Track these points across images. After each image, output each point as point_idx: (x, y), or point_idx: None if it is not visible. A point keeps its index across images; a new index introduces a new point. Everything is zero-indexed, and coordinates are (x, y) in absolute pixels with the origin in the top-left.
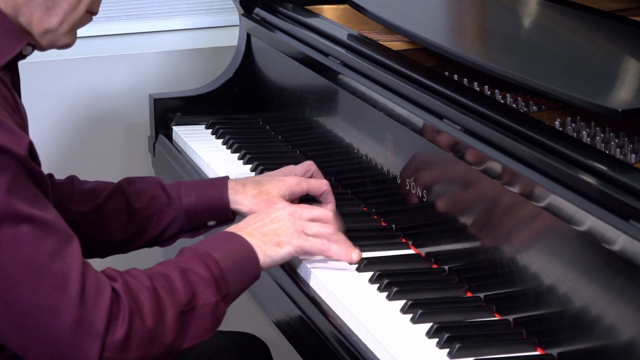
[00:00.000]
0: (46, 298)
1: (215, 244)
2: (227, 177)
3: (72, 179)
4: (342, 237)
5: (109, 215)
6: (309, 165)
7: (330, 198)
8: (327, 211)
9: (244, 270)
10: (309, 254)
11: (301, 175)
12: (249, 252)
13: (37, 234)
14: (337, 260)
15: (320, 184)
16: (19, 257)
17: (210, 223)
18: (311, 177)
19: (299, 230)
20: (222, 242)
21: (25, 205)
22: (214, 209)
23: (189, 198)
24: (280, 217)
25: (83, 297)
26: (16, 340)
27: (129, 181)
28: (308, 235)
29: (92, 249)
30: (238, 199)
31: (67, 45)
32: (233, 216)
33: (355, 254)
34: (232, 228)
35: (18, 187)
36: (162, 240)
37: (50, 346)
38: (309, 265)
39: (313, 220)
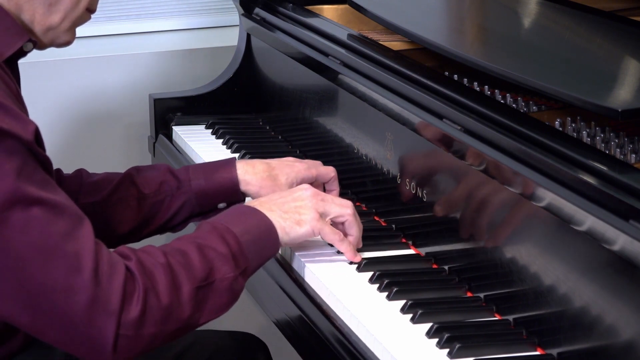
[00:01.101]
0: (60, 279)
1: (234, 218)
2: (234, 158)
3: (80, 172)
4: (355, 230)
5: (118, 204)
6: (316, 163)
7: (335, 185)
8: (347, 201)
9: (263, 245)
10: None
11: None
12: (269, 228)
13: (49, 216)
14: (344, 254)
15: (328, 171)
16: (31, 240)
17: (221, 205)
18: (328, 182)
19: (319, 212)
20: (242, 216)
21: (35, 188)
22: (223, 190)
23: (199, 180)
24: (303, 196)
25: (97, 276)
26: (33, 323)
27: (137, 169)
28: (327, 220)
29: (103, 239)
30: (248, 179)
31: (67, 43)
32: (243, 198)
33: (358, 257)
34: (253, 202)
35: (27, 171)
36: (173, 225)
37: (67, 326)
38: (309, 265)
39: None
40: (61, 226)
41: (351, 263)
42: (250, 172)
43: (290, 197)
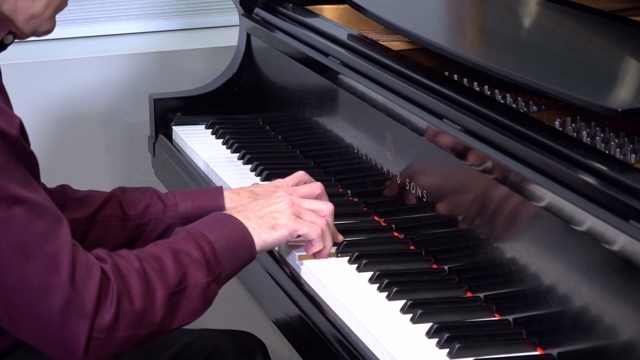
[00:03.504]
0: (37, 279)
1: (210, 225)
2: (222, 187)
3: (64, 187)
4: (329, 235)
5: (103, 223)
6: (300, 175)
7: (325, 200)
8: (326, 204)
9: (238, 251)
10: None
11: (292, 185)
12: (244, 234)
13: (29, 216)
14: (310, 247)
15: (313, 189)
16: (11, 239)
17: None
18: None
19: (295, 214)
20: (217, 223)
21: (16, 187)
22: None
23: (185, 205)
24: (278, 201)
25: (73, 278)
26: (7, 318)
27: (122, 190)
28: (303, 220)
29: None
30: (234, 206)
31: (48, 31)
32: None
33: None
34: (230, 210)
35: (9, 169)
36: None
37: (40, 325)
38: (308, 265)
39: (311, 210)
40: (41, 226)
41: (337, 251)
42: (236, 200)
43: (267, 203)
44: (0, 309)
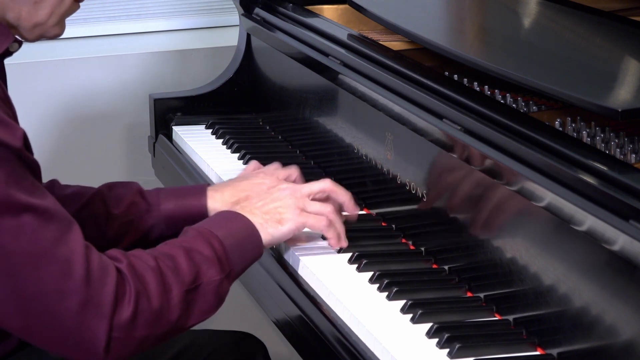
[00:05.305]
0: (52, 284)
1: (218, 222)
2: (206, 185)
3: (53, 184)
4: (339, 219)
5: (87, 221)
6: (292, 170)
7: (299, 182)
8: (323, 181)
9: (247, 248)
10: (310, 228)
11: (282, 178)
12: (251, 230)
13: (39, 222)
14: (329, 240)
15: (290, 172)
16: (23, 247)
17: None
18: (294, 181)
19: (300, 207)
20: (224, 221)
21: (24, 195)
22: (192, 217)
23: (168, 205)
24: (281, 196)
25: (88, 279)
26: (24, 326)
27: (109, 187)
28: (309, 212)
29: None
30: (217, 207)
31: (57, 35)
32: None
33: (345, 243)
34: (235, 207)
35: (16, 178)
36: (146, 245)
37: (58, 329)
38: (308, 265)
39: (312, 195)
40: (51, 231)
41: (339, 251)
42: (219, 200)
43: (270, 198)
44: (18, 319)
